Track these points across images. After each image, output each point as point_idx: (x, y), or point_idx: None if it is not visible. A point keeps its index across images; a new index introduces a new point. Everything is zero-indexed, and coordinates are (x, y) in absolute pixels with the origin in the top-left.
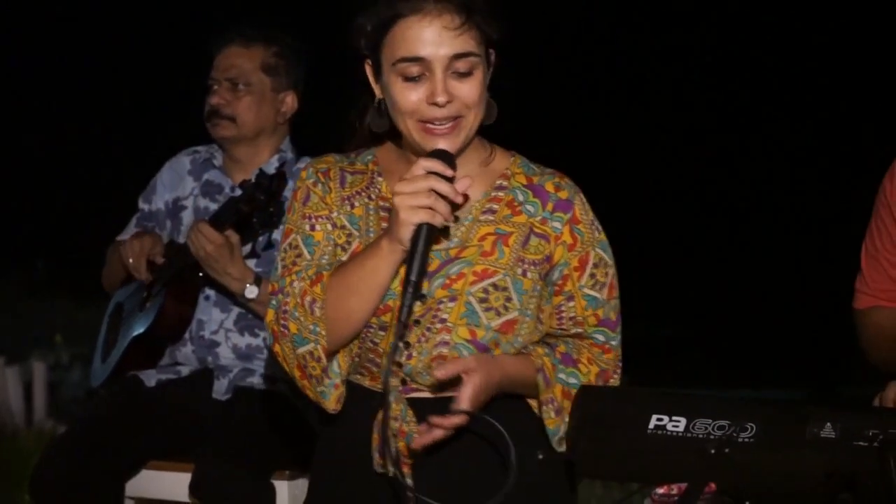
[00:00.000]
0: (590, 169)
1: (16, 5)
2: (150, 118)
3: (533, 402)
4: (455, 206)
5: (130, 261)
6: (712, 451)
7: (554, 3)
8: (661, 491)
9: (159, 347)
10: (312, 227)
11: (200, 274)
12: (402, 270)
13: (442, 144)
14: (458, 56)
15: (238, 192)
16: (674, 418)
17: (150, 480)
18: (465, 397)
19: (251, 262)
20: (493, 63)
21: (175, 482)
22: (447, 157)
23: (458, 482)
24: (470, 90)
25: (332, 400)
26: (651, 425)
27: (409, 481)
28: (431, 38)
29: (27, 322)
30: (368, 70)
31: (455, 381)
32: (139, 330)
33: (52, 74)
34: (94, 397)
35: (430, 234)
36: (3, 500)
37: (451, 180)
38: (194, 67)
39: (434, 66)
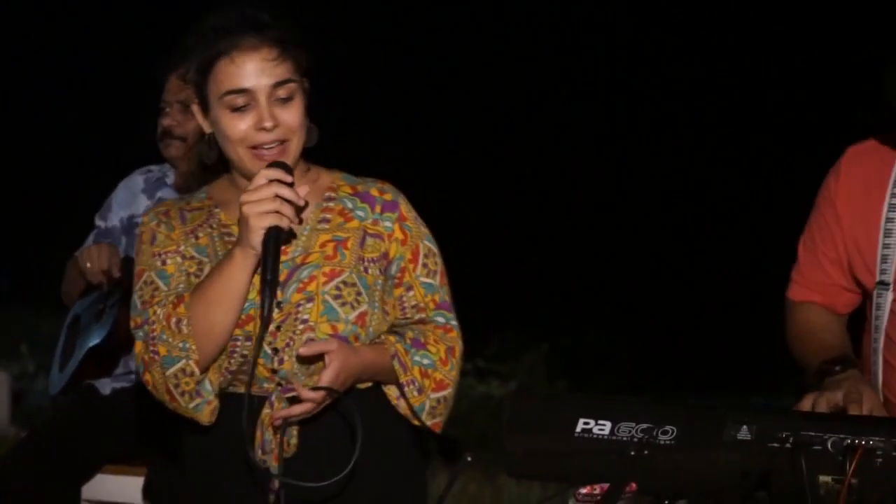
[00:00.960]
0: (546, 183)
1: None
2: (108, 137)
3: (388, 391)
4: (298, 210)
5: (88, 265)
6: (632, 453)
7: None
8: (584, 491)
9: (114, 357)
10: (164, 262)
11: None
12: (258, 280)
13: None
14: (279, 84)
15: None
16: (599, 422)
17: (105, 484)
18: (327, 376)
19: None
20: (308, 91)
21: (128, 486)
22: (284, 166)
23: (325, 474)
24: (292, 115)
25: (205, 413)
26: (578, 428)
27: (274, 472)
28: (253, 70)
29: None
30: (196, 109)
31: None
32: (95, 341)
33: (13, 91)
34: (53, 405)
35: (279, 237)
36: None
37: (291, 186)
38: (150, 89)
39: (258, 96)
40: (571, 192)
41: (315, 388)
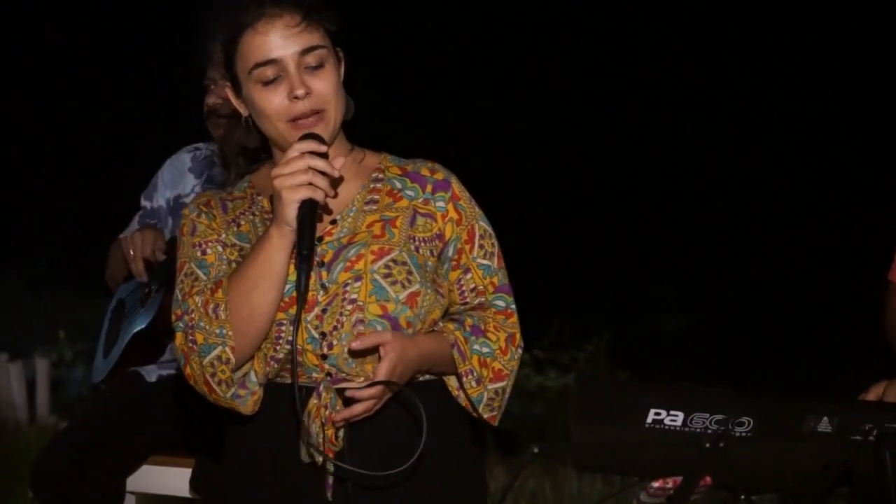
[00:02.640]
0: (606, 162)
1: (15, 5)
2: (153, 114)
3: (449, 381)
4: (334, 183)
5: (131, 252)
6: (707, 446)
7: None
8: (656, 484)
9: (160, 343)
10: (204, 252)
11: None
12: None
13: None
14: (306, 51)
15: None
16: (672, 412)
17: (151, 475)
18: (383, 369)
19: None
20: (343, 60)
21: (176, 477)
22: (317, 138)
23: (380, 467)
24: (324, 83)
25: (249, 404)
26: (649, 419)
27: (331, 467)
28: (278, 39)
29: (30, 318)
30: (229, 92)
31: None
32: (140, 326)
33: (53, 71)
34: (96, 393)
35: (314, 210)
36: (6, 495)
37: (325, 157)
38: (195, 64)
39: (287, 65)
40: (638, 174)
41: (371, 384)
